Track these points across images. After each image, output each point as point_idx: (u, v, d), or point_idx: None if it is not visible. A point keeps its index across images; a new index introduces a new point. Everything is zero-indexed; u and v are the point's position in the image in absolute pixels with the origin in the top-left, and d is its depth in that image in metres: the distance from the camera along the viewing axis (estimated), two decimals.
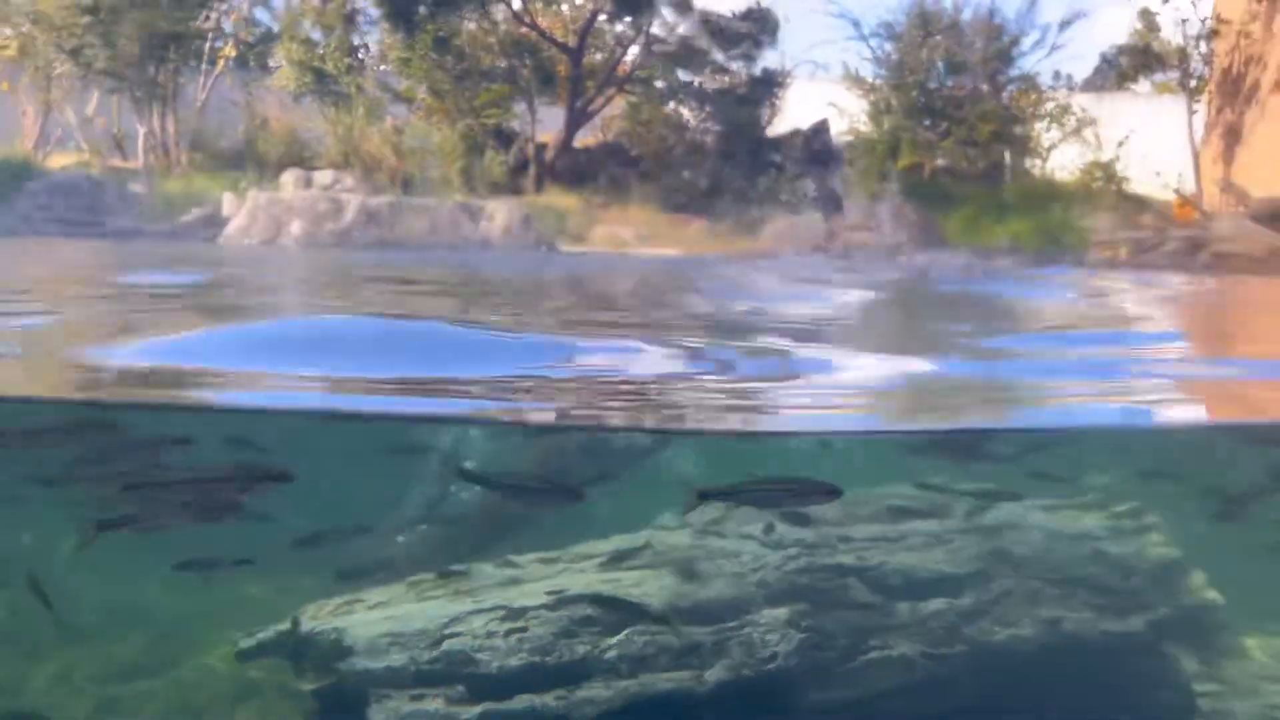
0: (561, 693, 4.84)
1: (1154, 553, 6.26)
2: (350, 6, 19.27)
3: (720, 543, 5.72)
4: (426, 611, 4.94)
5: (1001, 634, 5.51)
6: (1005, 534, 5.90)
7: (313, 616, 4.93)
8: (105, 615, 7.29)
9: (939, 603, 5.55)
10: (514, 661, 4.83)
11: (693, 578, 5.30)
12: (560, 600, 5.11)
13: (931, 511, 6.01)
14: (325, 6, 19.09)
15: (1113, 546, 6.24)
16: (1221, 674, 6.11)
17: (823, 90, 20.66)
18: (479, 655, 4.83)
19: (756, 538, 5.60)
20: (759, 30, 19.70)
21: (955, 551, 5.78)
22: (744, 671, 5.03)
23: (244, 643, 4.93)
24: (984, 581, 5.67)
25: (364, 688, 4.52)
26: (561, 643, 4.99)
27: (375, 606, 5.03)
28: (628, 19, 19.46)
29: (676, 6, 18.96)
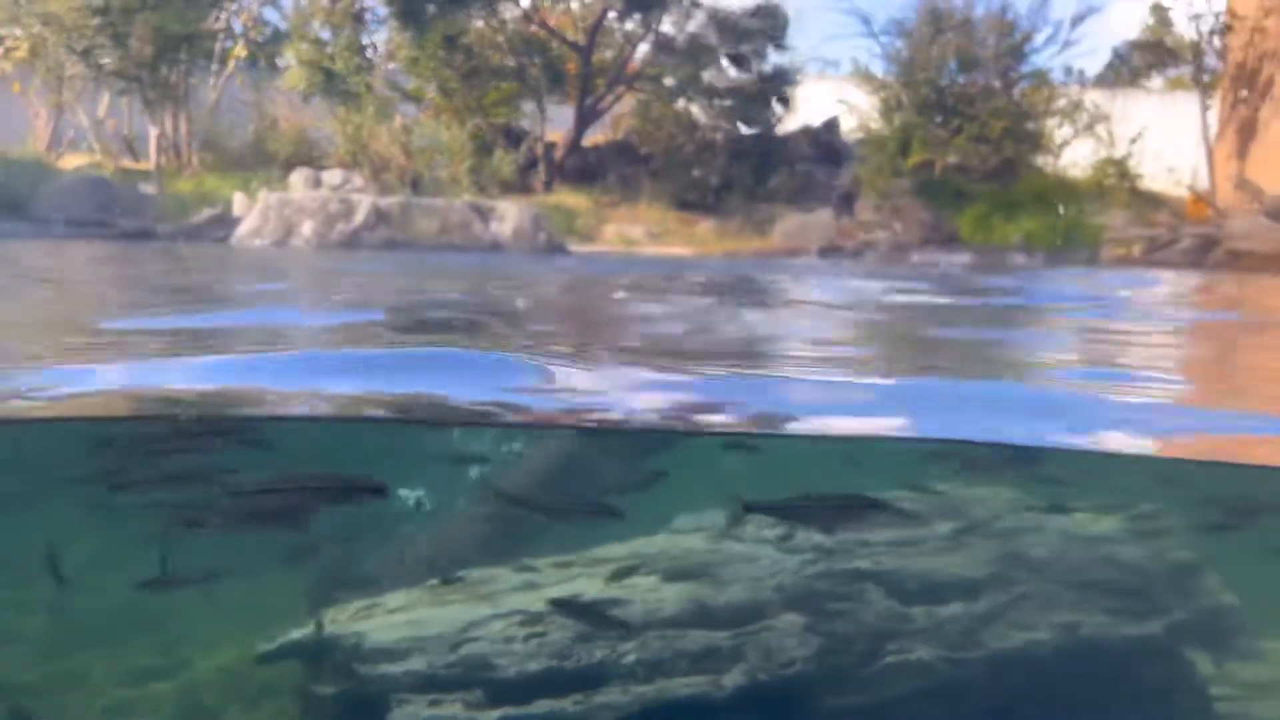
0: (579, 698, 4.85)
1: (1170, 556, 6.23)
2: (359, 5, 19.29)
3: (737, 548, 5.72)
4: (444, 616, 4.95)
5: (1018, 638, 5.50)
6: (1021, 538, 5.88)
7: (332, 621, 4.95)
8: (118, 617, 7.35)
9: (956, 607, 5.54)
10: (532, 666, 4.84)
11: (710, 583, 5.31)
12: (577, 604, 5.12)
13: (948, 515, 6.00)
14: (334, 6, 19.10)
15: (1129, 550, 6.22)
16: (1239, 677, 6.08)
17: (833, 87, 20.58)
18: (497, 660, 4.85)
19: (773, 543, 5.60)
20: (769, 27, 19.64)
21: (972, 556, 5.76)
22: (761, 676, 5.03)
23: (263, 646, 4.95)
24: (1000, 585, 5.66)
25: (384, 692, 4.54)
26: (579, 647, 5.00)
27: (394, 611, 5.05)
28: (637, 16, 19.42)
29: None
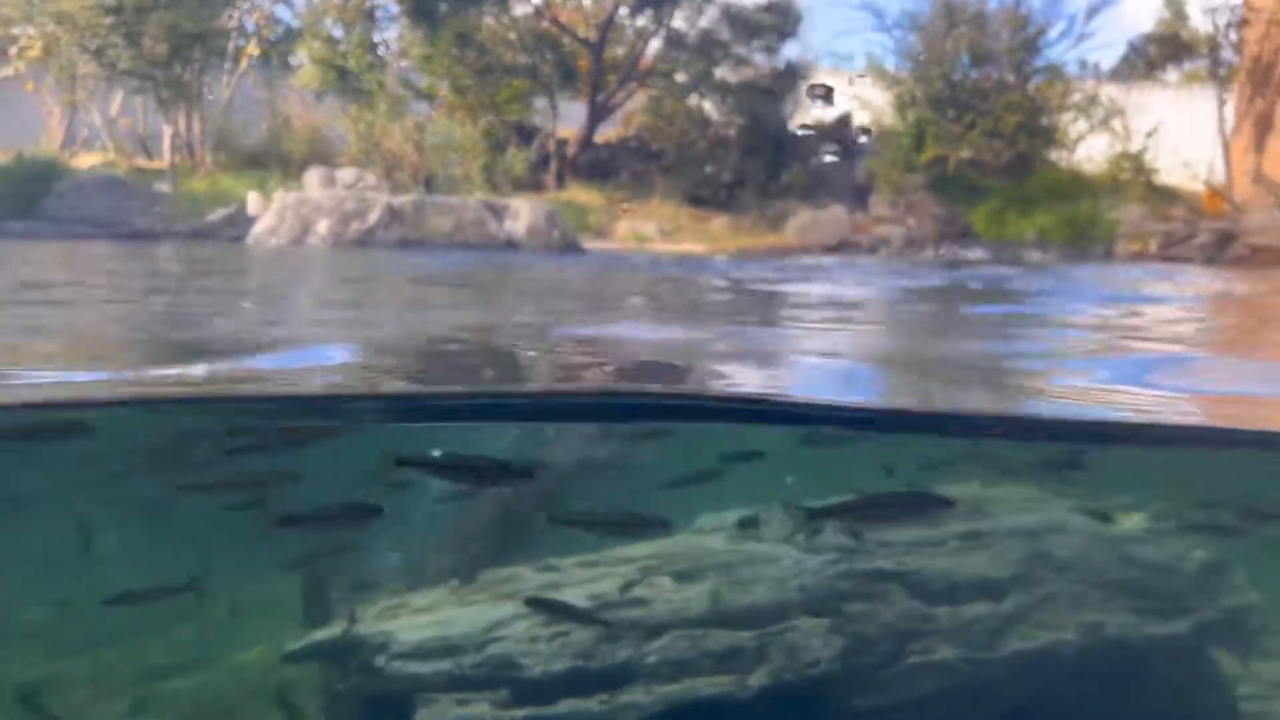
0: (604, 697, 4.86)
1: (1195, 554, 6.19)
2: (370, 3, 19.30)
3: (758, 547, 5.71)
4: (470, 616, 4.96)
5: (1043, 638, 5.47)
6: (1046, 537, 5.85)
7: (358, 620, 4.97)
8: (139, 614, 7.37)
9: (980, 607, 5.52)
10: (557, 666, 4.85)
11: (733, 583, 5.30)
12: (601, 605, 5.12)
13: (971, 515, 5.97)
14: (346, 3, 19.11)
15: (1153, 549, 6.18)
16: (1264, 676, 6.04)
17: (846, 82, 20.49)
18: (522, 660, 4.86)
19: (795, 542, 5.59)
20: (781, 22, 19.56)
21: (996, 555, 5.74)
22: (785, 676, 5.02)
23: (291, 644, 4.98)
24: (1025, 585, 5.63)
25: (410, 691, 4.56)
26: (603, 647, 5.00)
27: (419, 611, 5.06)
28: (649, 12, 19.37)
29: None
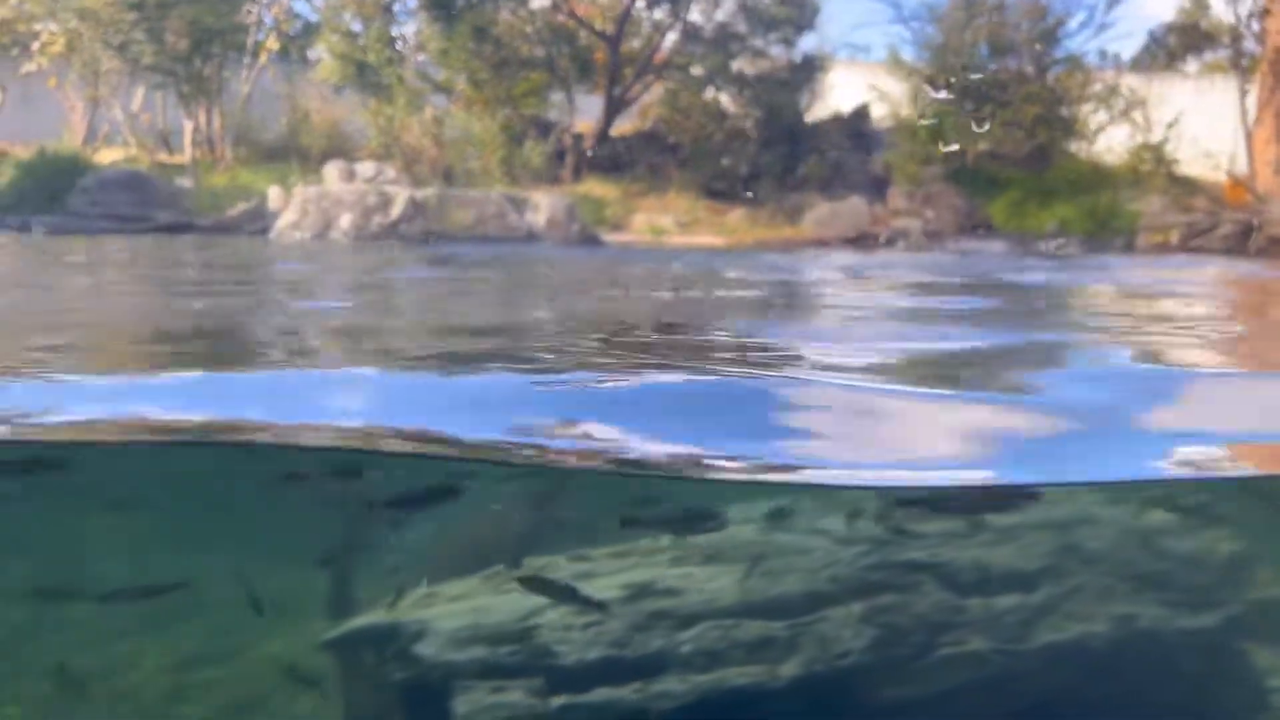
0: (638, 686, 4.90)
1: (1224, 547, 6.18)
2: None
3: (789, 538, 5.74)
4: (504, 604, 5.02)
5: (1074, 630, 5.48)
6: (1076, 530, 5.85)
7: (393, 608, 5.03)
8: (173, 602, 7.48)
9: (1011, 599, 5.53)
10: (591, 655, 4.90)
11: (765, 574, 5.33)
12: (634, 594, 5.16)
13: (1000, 507, 5.98)
14: None
15: (1183, 542, 6.17)
16: None
17: (863, 74, 20.40)
18: (557, 648, 4.91)
19: (827, 533, 5.61)
20: (798, 15, 19.49)
21: (1026, 547, 5.74)
22: (817, 667, 5.05)
23: (327, 633, 5.05)
24: (1056, 577, 5.63)
25: (447, 679, 4.62)
26: (637, 637, 5.05)
27: (454, 599, 5.12)
28: (665, 5, 19.34)
29: None
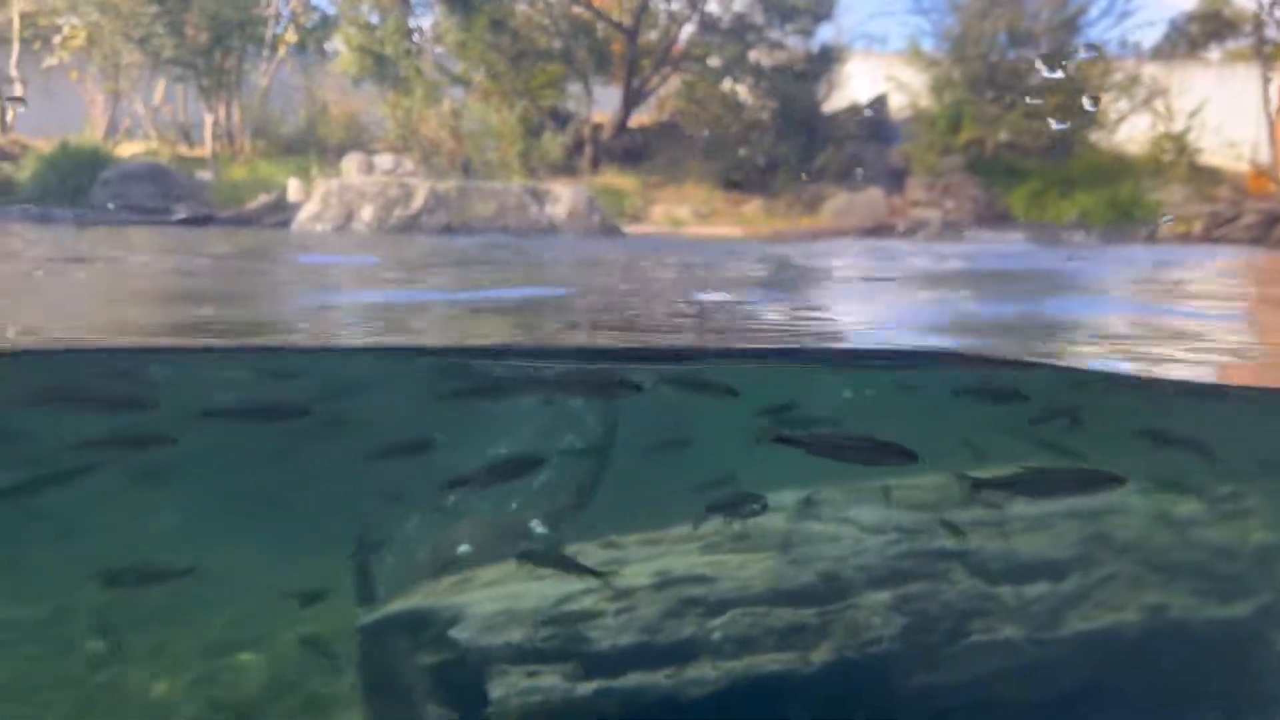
0: (670, 671, 4.94)
1: (1255, 537, 6.15)
2: None
3: (818, 527, 5.76)
4: (538, 590, 5.07)
5: (1105, 619, 5.48)
6: (1106, 519, 5.84)
7: (429, 593, 5.09)
8: (203, 589, 7.57)
9: (1041, 587, 5.54)
10: (624, 640, 4.94)
11: (795, 561, 5.35)
12: (666, 581, 5.20)
13: (1030, 495, 5.97)
14: None
15: (1214, 532, 6.14)
16: None
17: (881, 65, 20.27)
18: (590, 633, 4.96)
19: (855, 522, 5.63)
20: (816, 5, 19.36)
21: (1057, 536, 5.75)
22: (848, 654, 5.08)
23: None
24: (1086, 566, 5.63)
25: (482, 663, 4.67)
26: (668, 623, 5.09)
27: (487, 584, 5.17)
28: None
29: None
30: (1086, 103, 19.61)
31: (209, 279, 7.68)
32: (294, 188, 16.26)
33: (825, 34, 20.32)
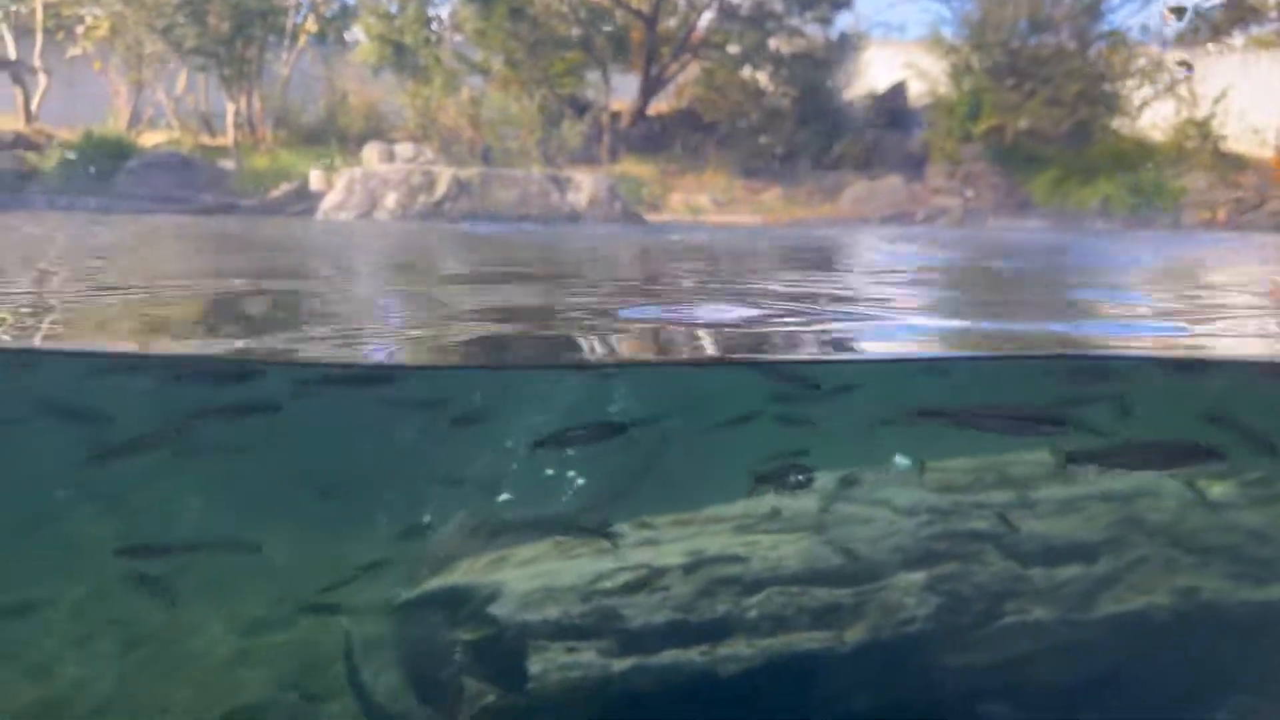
0: (705, 649, 5.00)
1: None
2: None
3: (850, 509, 5.79)
4: (574, 568, 5.13)
5: (1138, 601, 5.49)
6: (1138, 501, 5.84)
7: (467, 571, 5.16)
8: (238, 570, 7.69)
9: (1074, 569, 5.55)
10: (659, 618, 5.00)
11: (826, 542, 5.39)
12: (699, 561, 5.25)
13: (1060, 478, 5.98)
14: None
15: (1247, 515, 6.13)
16: None
17: (900, 52, 20.15)
18: (626, 611, 5.01)
19: (888, 504, 5.66)
20: None
21: (1089, 519, 5.76)
22: (882, 634, 5.11)
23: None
24: (1118, 549, 5.64)
25: (521, 639, 4.74)
26: (703, 601, 5.14)
27: (524, 563, 5.24)
28: None
29: None
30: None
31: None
32: (316, 176, 16.36)
33: (844, 22, 20.25)
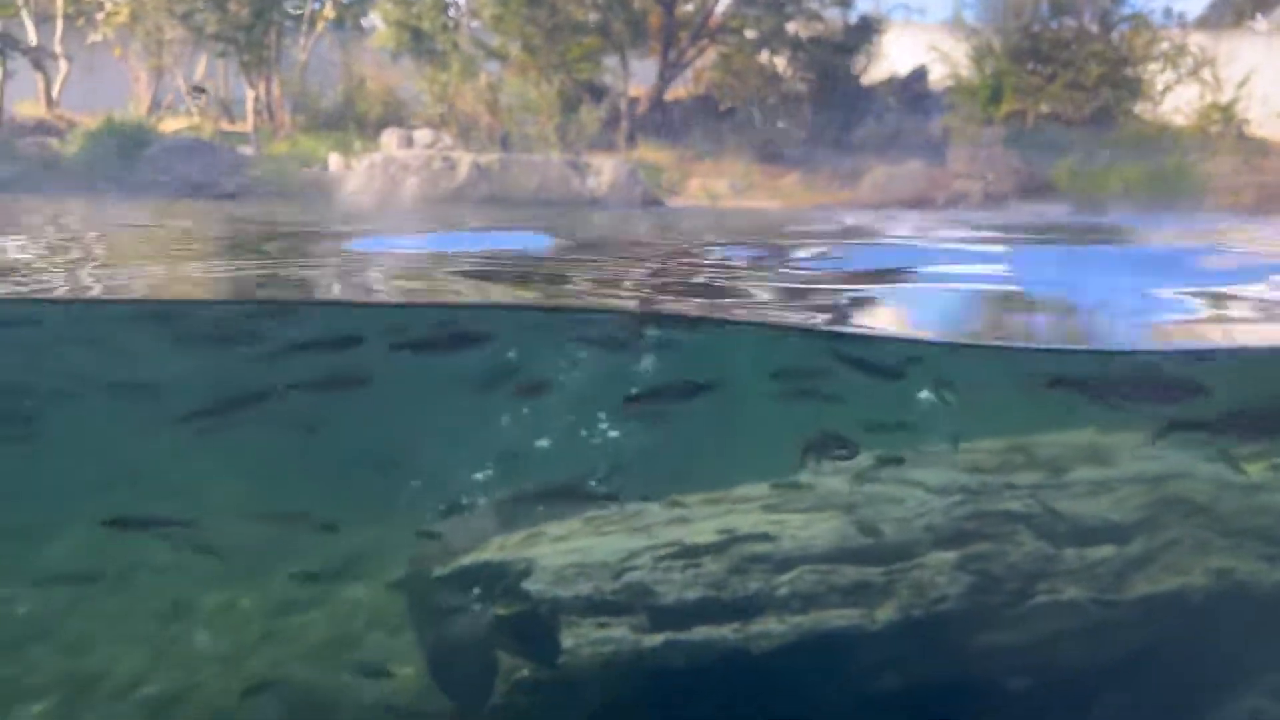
0: (737, 625, 5.02)
1: None
2: None
3: (879, 488, 5.79)
4: (606, 546, 5.16)
5: (1171, 582, 5.47)
6: (1171, 483, 5.81)
7: (500, 548, 5.21)
8: (263, 551, 7.76)
9: (1107, 549, 5.53)
10: (690, 595, 5.03)
11: (857, 521, 5.39)
12: (730, 539, 5.27)
13: (1094, 459, 5.96)
14: None
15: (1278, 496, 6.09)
16: None
17: (920, 35, 19.96)
18: (657, 588, 5.05)
19: (920, 484, 5.66)
20: None
21: (1121, 500, 5.73)
22: (914, 612, 5.12)
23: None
24: (1151, 529, 5.62)
25: (554, 614, 4.78)
26: (734, 579, 5.16)
27: (556, 540, 5.28)
28: None
29: None
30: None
31: None
32: (335, 161, 16.40)
33: (864, 4, 20.09)
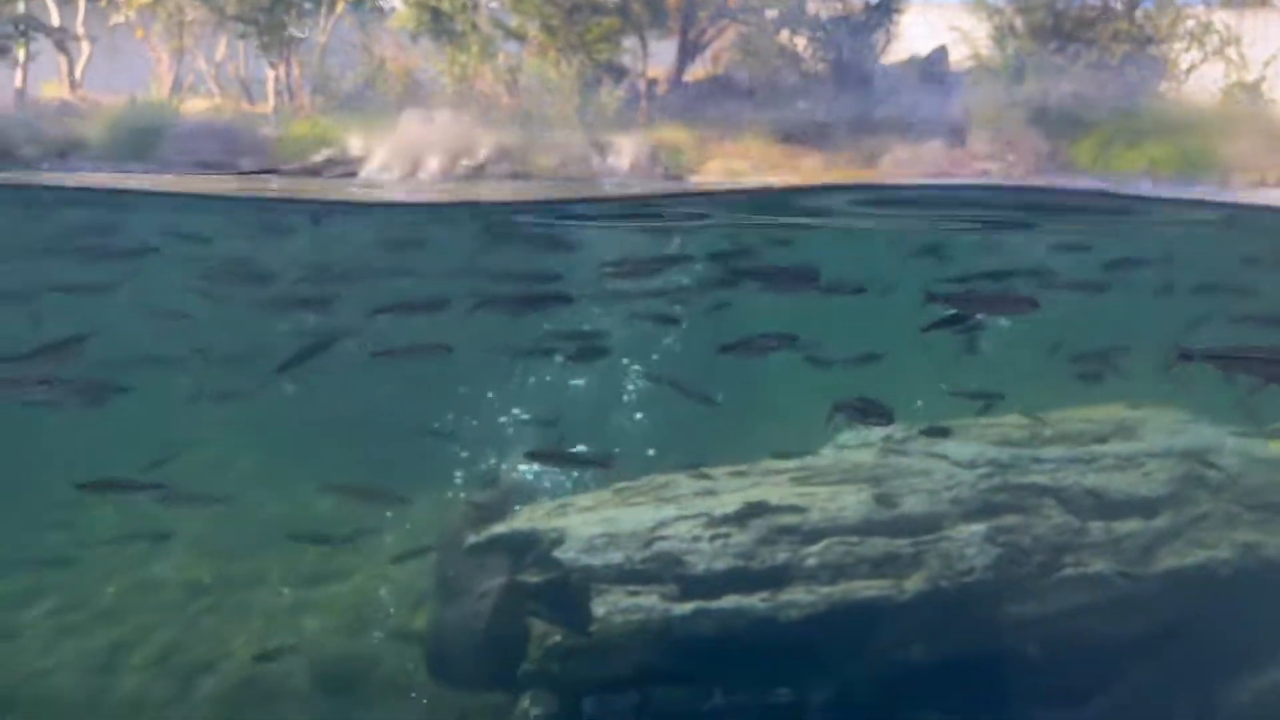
0: (766, 595, 5.10)
1: None
2: None
3: (906, 461, 5.84)
4: (635, 516, 5.23)
5: (1198, 556, 5.51)
6: (1198, 458, 5.83)
7: (529, 518, 5.29)
8: (291, 526, 7.92)
9: (1133, 523, 5.57)
10: (719, 565, 5.10)
11: (885, 494, 5.44)
12: (758, 509, 5.33)
13: (1120, 434, 5.97)
14: None
15: None
16: None
17: (940, 15, 19.77)
18: (687, 557, 5.12)
19: (947, 457, 5.69)
20: None
21: (1148, 474, 5.76)
22: (942, 583, 5.18)
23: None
24: (1178, 504, 5.65)
25: (585, 582, 4.86)
26: (763, 549, 5.23)
27: (585, 510, 5.35)
28: None
29: None
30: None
31: None
32: (355, 141, 16.47)
33: None
